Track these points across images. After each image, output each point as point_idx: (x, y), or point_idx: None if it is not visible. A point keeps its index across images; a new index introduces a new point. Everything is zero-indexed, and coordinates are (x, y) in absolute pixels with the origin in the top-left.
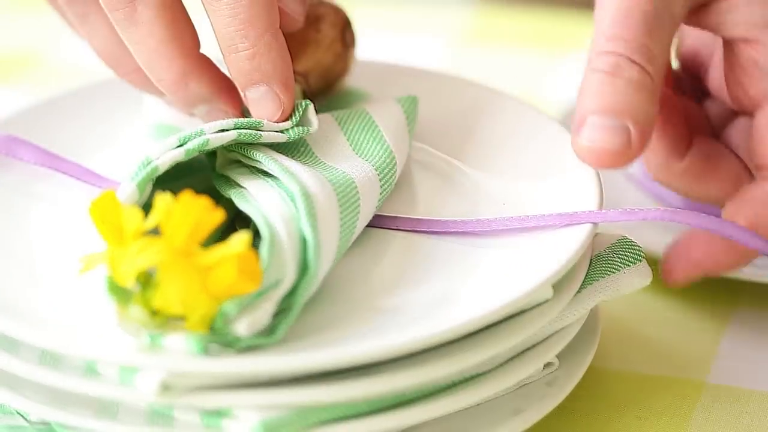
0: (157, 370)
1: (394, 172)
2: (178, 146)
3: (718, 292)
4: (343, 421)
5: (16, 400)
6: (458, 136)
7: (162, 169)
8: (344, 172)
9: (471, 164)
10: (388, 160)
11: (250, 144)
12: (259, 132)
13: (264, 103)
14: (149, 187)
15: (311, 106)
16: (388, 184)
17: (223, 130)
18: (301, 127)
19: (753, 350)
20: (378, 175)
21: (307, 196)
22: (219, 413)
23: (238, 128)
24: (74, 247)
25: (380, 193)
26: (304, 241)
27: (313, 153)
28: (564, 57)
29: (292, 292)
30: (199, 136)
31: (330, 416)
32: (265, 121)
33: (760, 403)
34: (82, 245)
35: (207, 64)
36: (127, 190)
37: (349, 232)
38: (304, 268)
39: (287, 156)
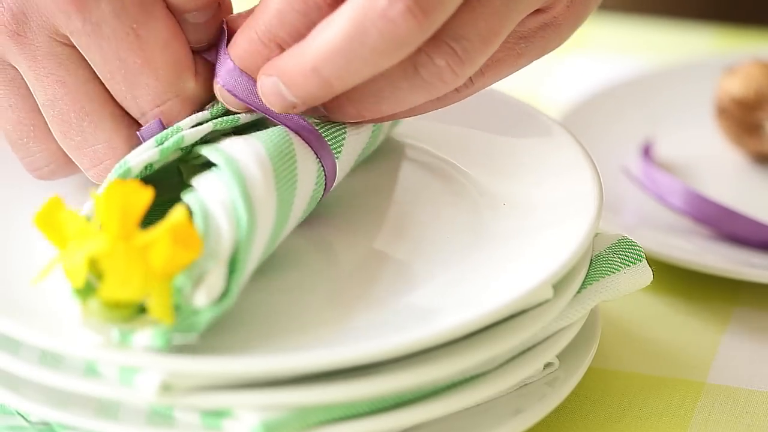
0: (157, 370)
1: (343, 136)
2: (157, 146)
3: (718, 292)
4: (343, 421)
5: (16, 400)
6: (458, 136)
7: (135, 171)
8: (281, 128)
9: (471, 164)
10: (335, 124)
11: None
12: (236, 116)
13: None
14: None
15: None
16: (336, 145)
17: (199, 123)
18: None
19: (753, 350)
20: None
21: (230, 161)
22: (219, 413)
23: (214, 117)
24: None
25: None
26: (234, 201)
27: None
28: (564, 57)
29: (235, 251)
30: (176, 133)
31: (330, 416)
32: None
33: (760, 403)
34: None
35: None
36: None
37: (289, 182)
38: (238, 223)
39: (236, 132)
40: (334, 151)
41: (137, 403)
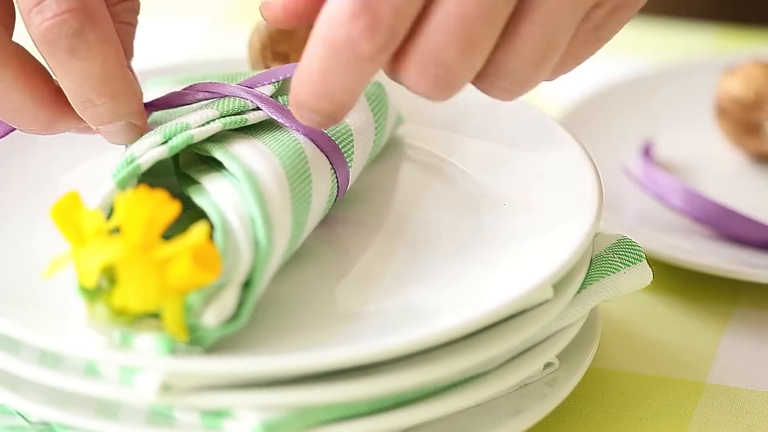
0: (157, 370)
1: (351, 144)
2: (163, 143)
3: (718, 292)
4: (343, 421)
5: (16, 400)
6: (459, 136)
7: (144, 167)
8: (296, 141)
9: (471, 165)
10: (343, 132)
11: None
12: (244, 117)
13: (124, 134)
14: (132, 185)
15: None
16: (347, 153)
17: (208, 122)
18: (286, 96)
19: (753, 350)
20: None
21: (250, 176)
22: (219, 413)
23: (223, 116)
24: None
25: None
26: (254, 220)
27: (276, 125)
28: None
29: (250, 273)
30: (184, 130)
31: (330, 416)
32: (250, 102)
33: (760, 403)
34: None
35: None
36: (107, 188)
37: (304, 203)
38: (257, 246)
39: (247, 132)
40: (347, 161)
41: (137, 403)
